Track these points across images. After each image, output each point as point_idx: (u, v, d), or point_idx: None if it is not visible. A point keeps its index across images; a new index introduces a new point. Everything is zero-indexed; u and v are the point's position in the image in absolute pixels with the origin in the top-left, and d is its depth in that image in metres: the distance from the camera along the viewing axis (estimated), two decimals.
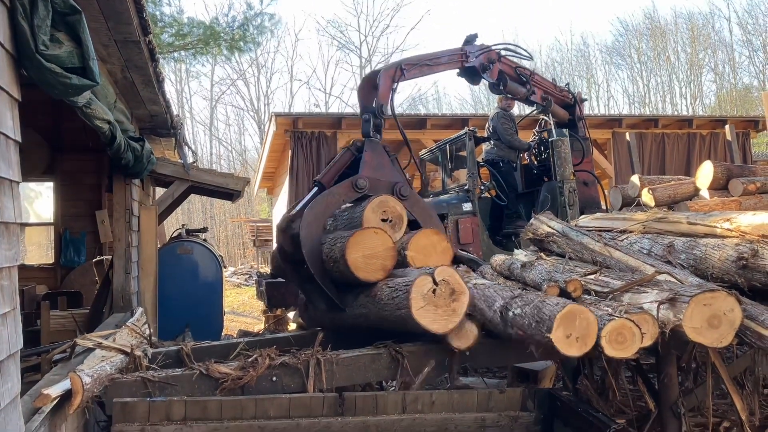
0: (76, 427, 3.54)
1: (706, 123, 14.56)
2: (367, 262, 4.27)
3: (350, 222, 4.82)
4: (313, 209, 4.92)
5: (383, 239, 4.33)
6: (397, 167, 5.42)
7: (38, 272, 9.60)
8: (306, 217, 4.85)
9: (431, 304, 3.77)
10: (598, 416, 3.66)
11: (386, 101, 5.80)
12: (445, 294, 3.80)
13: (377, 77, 5.90)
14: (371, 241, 4.29)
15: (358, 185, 5.04)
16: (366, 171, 5.17)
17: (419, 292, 3.75)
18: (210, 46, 17.23)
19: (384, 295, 4.04)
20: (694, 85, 37.23)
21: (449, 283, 3.81)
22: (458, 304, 3.82)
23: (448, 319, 3.80)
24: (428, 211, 5.34)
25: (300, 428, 3.64)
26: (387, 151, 5.41)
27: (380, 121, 5.63)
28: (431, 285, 3.77)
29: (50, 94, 3.14)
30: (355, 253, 4.24)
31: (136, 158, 5.82)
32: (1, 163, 2.50)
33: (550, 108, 7.70)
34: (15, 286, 2.65)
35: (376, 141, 5.45)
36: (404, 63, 6.16)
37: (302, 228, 4.75)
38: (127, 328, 4.52)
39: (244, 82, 41.93)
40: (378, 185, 5.14)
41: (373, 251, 4.29)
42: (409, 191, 5.23)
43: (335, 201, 5.05)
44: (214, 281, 8.20)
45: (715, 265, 3.73)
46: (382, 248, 4.31)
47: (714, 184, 7.43)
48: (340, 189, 5.08)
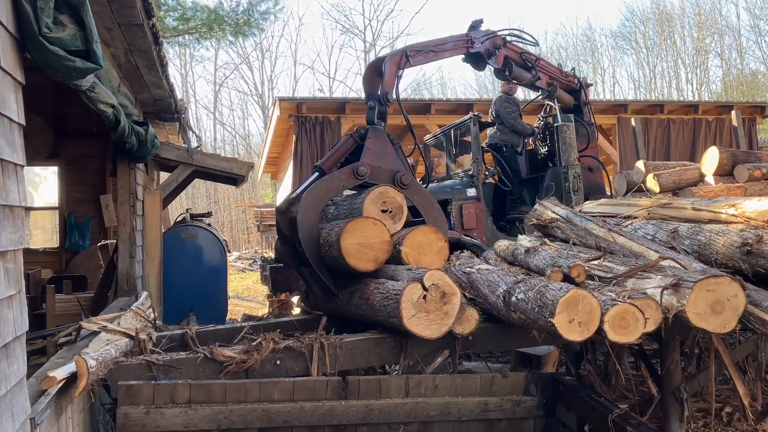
0: (82, 409, 3.57)
1: (712, 108, 14.48)
2: (360, 251, 4.25)
3: (350, 212, 4.81)
4: (312, 193, 4.92)
5: (380, 231, 4.32)
6: (400, 155, 5.41)
7: (43, 256, 9.63)
8: (304, 200, 4.85)
9: (422, 311, 3.74)
10: (601, 401, 3.67)
11: (391, 88, 5.77)
12: (436, 298, 3.77)
13: (382, 64, 5.87)
14: (368, 231, 4.28)
15: (359, 172, 5.03)
16: (368, 158, 5.16)
17: (409, 301, 3.72)
18: (214, 30, 17.16)
19: (376, 302, 4.01)
20: (701, 71, 36.97)
21: (439, 287, 3.78)
22: (450, 306, 3.80)
23: (441, 322, 3.78)
24: (429, 201, 5.32)
25: (304, 411, 3.67)
26: (391, 140, 5.40)
27: (385, 108, 5.62)
28: (421, 291, 3.73)
29: (54, 77, 3.13)
30: (350, 240, 4.23)
31: (140, 143, 5.81)
32: (5, 147, 2.50)
33: (555, 93, 7.66)
34: (20, 269, 2.66)
35: (380, 128, 5.43)
36: (409, 50, 6.13)
37: (300, 211, 4.75)
38: (131, 312, 4.54)
39: (248, 67, 41.72)
40: (379, 173, 5.13)
41: (368, 241, 4.28)
42: (410, 180, 5.22)
43: (335, 186, 5.04)
44: (218, 265, 8.21)
45: (720, 251, 3.73)
46: (378, 240, 4.29)
47: (719, 170, 7.40)
48: (341, 175, 5.07)
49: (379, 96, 5.64)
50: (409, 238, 4.55)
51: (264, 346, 3.85)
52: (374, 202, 4.67)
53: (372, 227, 4.31)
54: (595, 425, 3.65)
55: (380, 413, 3.78)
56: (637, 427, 3.31)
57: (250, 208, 31.36)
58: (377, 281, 4.19)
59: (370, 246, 4.28)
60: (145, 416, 3.50)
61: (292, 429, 3.70)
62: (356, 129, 5.52)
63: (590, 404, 3.68)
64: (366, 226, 4.30)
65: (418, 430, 3.88)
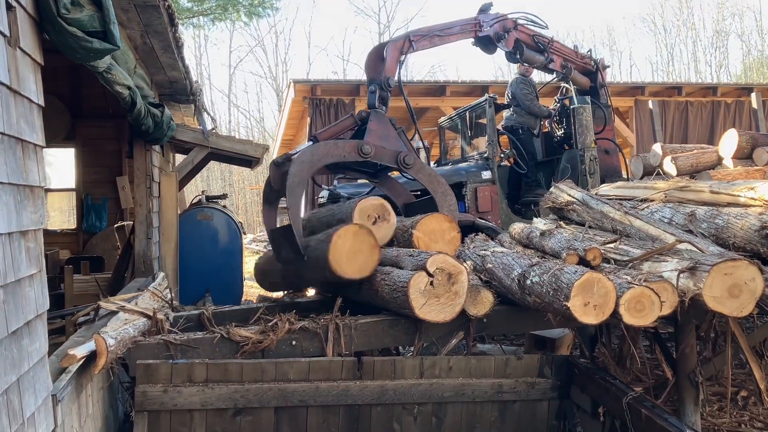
0: (101, 387, 3.63)
1: (731, 91, 14.28)
2: (350, 258, 4.19)
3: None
4: (312, 150, 4.94)
5: (369, 247, 4.24)
6: (403, 138, 5.43)
7: (61, 237, 9.75)
8: (303, 153, 4.87)
9: (432, 297, 3.76)
10: (616, 383, 3.67)
11: (393, 74, 5.79)
12: (443, 281, 3.78)
13: (384, 49, 5.87)
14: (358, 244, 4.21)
15: (363, 150, 5.05)
16: (371, 138, 5.19)
17: (417, 291, 3.73)
18: (228, 11, 17.13)
19: (385, 293, 4.01)
20: (720, 53, 36.41)
21: (444, 269, 3.78)
22: (458, 285, 3.81)
23: (453, 303, 3.80)
24: (435, 178, 5.32)
25: (319, 391, 3.71)
26: (393, 124, 5.42)
27: (386, 93, 5.66)
28: (427, 279, 3.74)
29: (71, 58, 3.15)
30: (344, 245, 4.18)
31: (156, 124, 5.84)
32: (25, 127, 2.53)
33: (570, 75, 7.60)
34: (41, 248, 2.70)
35: (381, 113, 5.47)
36: (413, 35, 6.09)
37: (295, 162, 4.77)
38: (149, 292, 4.59)
39: (262, 49, 41.63)
40: (383, 153, 5.16)
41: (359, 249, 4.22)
42: (414, 159, 5.23)
43: (336, 153, 5.04)
44: (233, 247, 8.25)
45: (738, 234, 3.70)
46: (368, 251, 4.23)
47: (738, 153, 7.30)
48: (345, 145, 5.09)
49: (381, 81, 5.65)
50: (423, 222, 4.55)
51: (280, 327, 3.88)
52: (362, 218, 4.71)
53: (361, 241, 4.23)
54: (610, 408, 3.65)
55: (395, 394, 3.81)
56: (652, 410, 3.31)
57: None
58: (382, 271, 4.18)
59: (361, 252, 4.22)
60: (163, 394, 3.55)
61: (308, 408, 3.74)
62: (358, 112, 5.56)
63: (605, 386, 3.68)
64: (355, 238, 4.23)
65: (432, 411, 3.90)
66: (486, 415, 3.97)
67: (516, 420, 4.01)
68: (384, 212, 4.80)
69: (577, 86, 7.84)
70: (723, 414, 4.47)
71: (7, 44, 2.38)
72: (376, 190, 6.16)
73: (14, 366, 2.31)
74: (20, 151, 2.47)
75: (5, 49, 2.36)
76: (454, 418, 3.93)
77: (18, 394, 2.33)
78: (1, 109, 2.29)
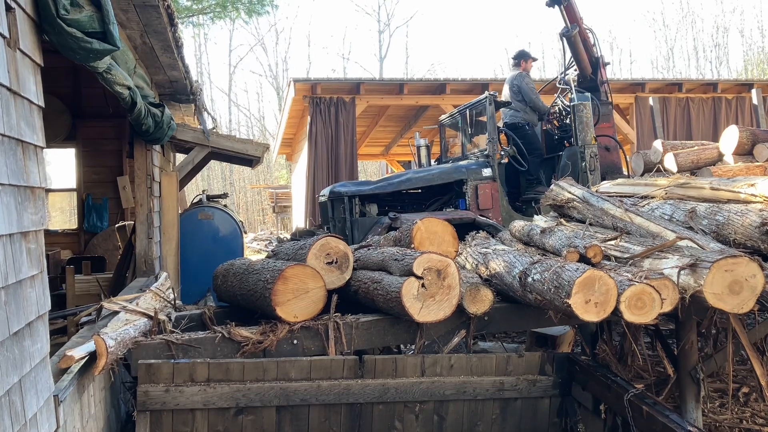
0: (103, 387, 3.64)
1: (732, 87, 14.28)
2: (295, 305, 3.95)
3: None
4: None
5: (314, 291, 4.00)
6: None
7: (62, 237, 9.75)
8: None
9: (428, 298, 3.74)
10: (617, 380, 3.67)
11: None
12: (434, 279, 3.75)
13: None
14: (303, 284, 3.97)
15: None
16: None
17: (411, 297, 3.71)
18: (228, 9, 17.11)
19: (380, 302, 3.95)
20: (720, 49, 36.35)
21: (432, 268, 3.76)
22: (450, 278, 3.78)
23: (449, 296, 3.78)
24: None
25: (321, 390, 3.71)
26: None
27: None
28: (417, 283, 3.72)
29: (71, 59, 3.15)
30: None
31: (157, 124, 5.84)
32: (25, 128, 2.53)
33: (572, 33, 7.97)
34: (42, 249, 2.70)
35: None
36: None
37: None
38: (150, 292, 4.59)
39: (262, 48, 41.61)
40: None
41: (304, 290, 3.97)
42: None
43: None
44: (234, 246, 8.26)
45: (738, 231, 3.70)
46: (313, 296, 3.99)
47: (739, 149, 7.30)
48: None
49: None
50: (430, 221, 4.51)
51: (280, 327, 3.88)
52: (318, 257, 4.23)
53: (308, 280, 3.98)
54: (611, 405, 3.65)
55: (396, 392, 3.81)
56: (654, 407, 3.31)
57: (265, 189, 31.45)
58: (372, 278, 4.06)
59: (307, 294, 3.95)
60: (165, 394, 3.55)
61: (309, 407, 3.74)
62: None
63: (606, 384, 3.68)
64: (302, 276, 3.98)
65: (433, 409, 3.91)
66: (487, 412, 3.98)
67: (517, 417, 4.01)
68: (344, 261, 4.30)
69: (578, 59, 7.99)
70: (724, 410, 4.47)
71: (6, 45, 2.38)
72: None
73: (16, 367, 2.32)
74: (21, 153, 2.47)
75: (5, 50, 2.36)
76: (455, 416, 3.94)
77: (20, 394, 2.34)
78: (2, 111, 2.29)
